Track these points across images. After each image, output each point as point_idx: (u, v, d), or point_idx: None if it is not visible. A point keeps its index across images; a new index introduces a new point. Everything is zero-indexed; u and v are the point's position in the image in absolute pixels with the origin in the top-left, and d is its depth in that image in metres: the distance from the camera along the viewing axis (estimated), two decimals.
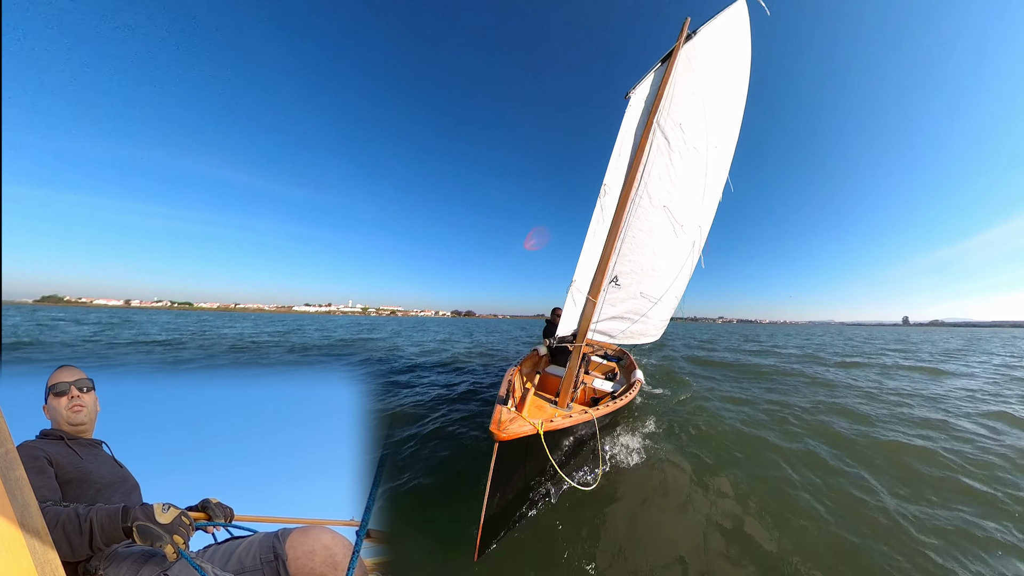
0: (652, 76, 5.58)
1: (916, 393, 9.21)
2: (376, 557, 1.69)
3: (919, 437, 5.81)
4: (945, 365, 14.98)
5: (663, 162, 5.76)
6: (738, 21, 6.56)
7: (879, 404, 7.99)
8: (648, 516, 3.57)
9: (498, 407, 3.13)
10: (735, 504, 3.79)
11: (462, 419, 6.20)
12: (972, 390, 9.64)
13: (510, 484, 2.98)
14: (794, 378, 11.39)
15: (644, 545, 3.14)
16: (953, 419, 6.84)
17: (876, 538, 3.30)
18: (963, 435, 5.93)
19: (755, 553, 3.07)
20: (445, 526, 3.31)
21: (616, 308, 5.97)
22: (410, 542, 3.07)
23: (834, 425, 6.37)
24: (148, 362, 11.41)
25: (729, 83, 6.70)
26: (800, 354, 19.40)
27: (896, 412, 7.29)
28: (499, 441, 2.64)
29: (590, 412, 3.75)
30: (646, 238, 5.91)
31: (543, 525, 3.33)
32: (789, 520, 3.54)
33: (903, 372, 13.03)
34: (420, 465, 4.45)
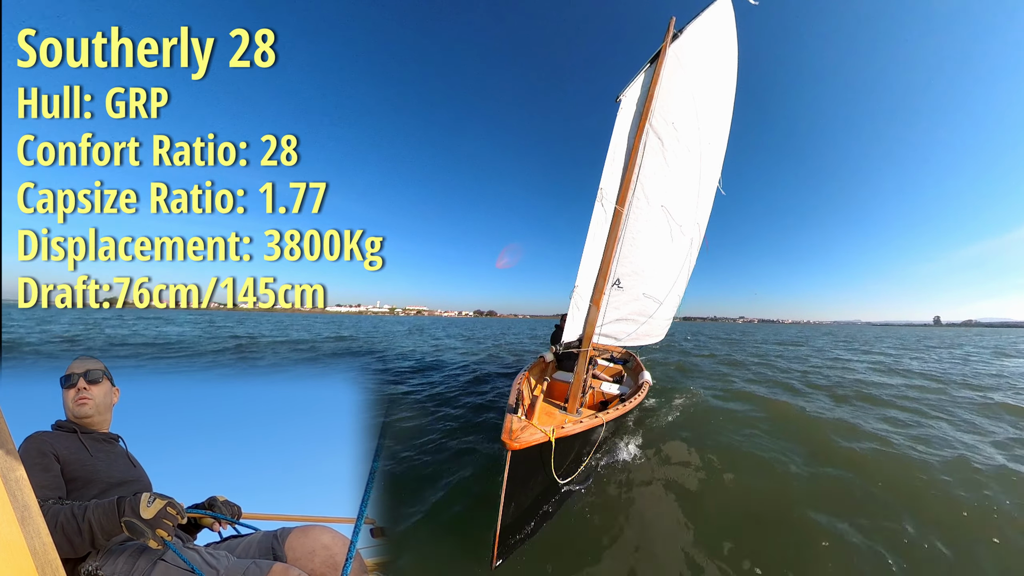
0: (642, 77, 5.64)
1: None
2: (377, 557, 1.68)
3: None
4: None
5: (658, 162, 5.80)
6: (723, 16, 6.71)
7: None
8: (667, 519, 3.51)
9: (508, 416, 3.14)
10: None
11: (476, 416, 6.20)
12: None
13: (524, 493, 2.96)
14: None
15: (663, 550, 3.09)
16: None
17: None
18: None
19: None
20: (461, 533, 3.29)
21: (620, 310, 5.96)
22: (424, 548, 3.05)
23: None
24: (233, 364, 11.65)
25: (718, 78, 6.81)
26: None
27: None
28: (511, 450, 2.63)
29: (600, 416, 3.73)
30: (646, 238, 5.92)
31: (560, 532, 3.29)
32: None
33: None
34: (432, 467, 4.42)
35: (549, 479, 3.18)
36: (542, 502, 3.30)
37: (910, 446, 5.24)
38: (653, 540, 3.21)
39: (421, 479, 4.20)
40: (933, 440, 5.52)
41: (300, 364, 11.51)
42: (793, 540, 3.22)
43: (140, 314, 45.80)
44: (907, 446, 5.24)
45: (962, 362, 15.78)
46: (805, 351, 20.83)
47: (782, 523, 3.45)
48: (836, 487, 4.11)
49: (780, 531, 3.34)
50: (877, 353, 19.71)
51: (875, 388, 9.39)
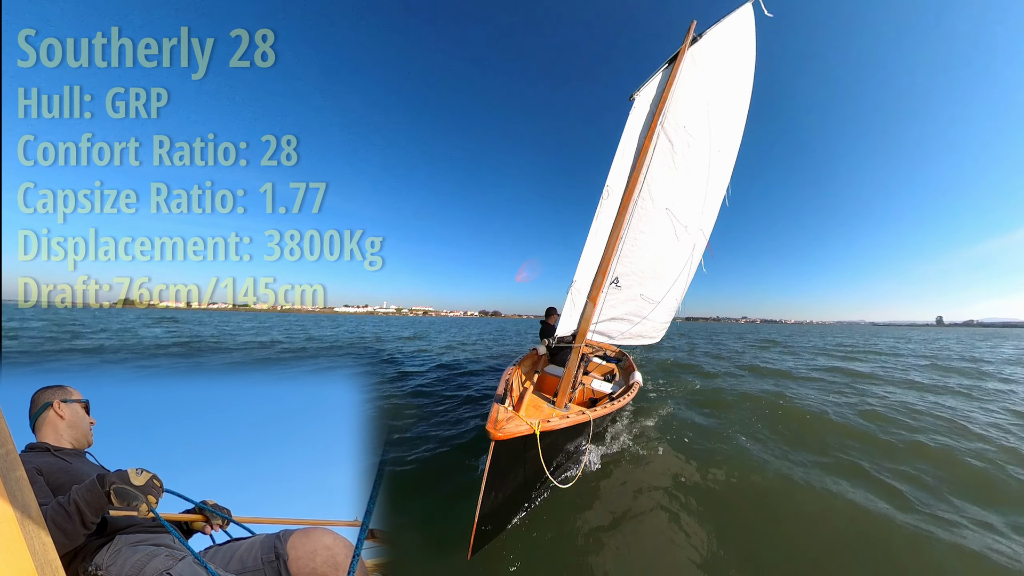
0: (658, 78, 5.63)
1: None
2: (377, 558, 1.67)
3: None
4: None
5: (666, 164, 5.78)
6: (744, 25, 6.63)
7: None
8: (646, 517, 3.51)
9: (495, 406, 3.11)
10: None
11: (468, 414, 6.18)
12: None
13: (506, 484, 2.95)
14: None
15: (640, 546, 3.09)
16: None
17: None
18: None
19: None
20: (440, 524, 3.28)
21: (616, 309, 5.95)
22: (405, 540, 3.04)
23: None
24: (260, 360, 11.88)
25: (733, 86, 6.74)
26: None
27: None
28: (495, 440, 2.61)
29: (588, 413, 3.72)
30: (647, 240, 5.91)
31: (539, 525, 3.29)
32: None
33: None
34: (420, 463, 4.43)
35: (532, 471, 3.16)
36: (524, 494, 3.29)
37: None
38: (636, 537, 3.21)
39: (412, 477, 4.21)
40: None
41: (299, 365, 11.52)
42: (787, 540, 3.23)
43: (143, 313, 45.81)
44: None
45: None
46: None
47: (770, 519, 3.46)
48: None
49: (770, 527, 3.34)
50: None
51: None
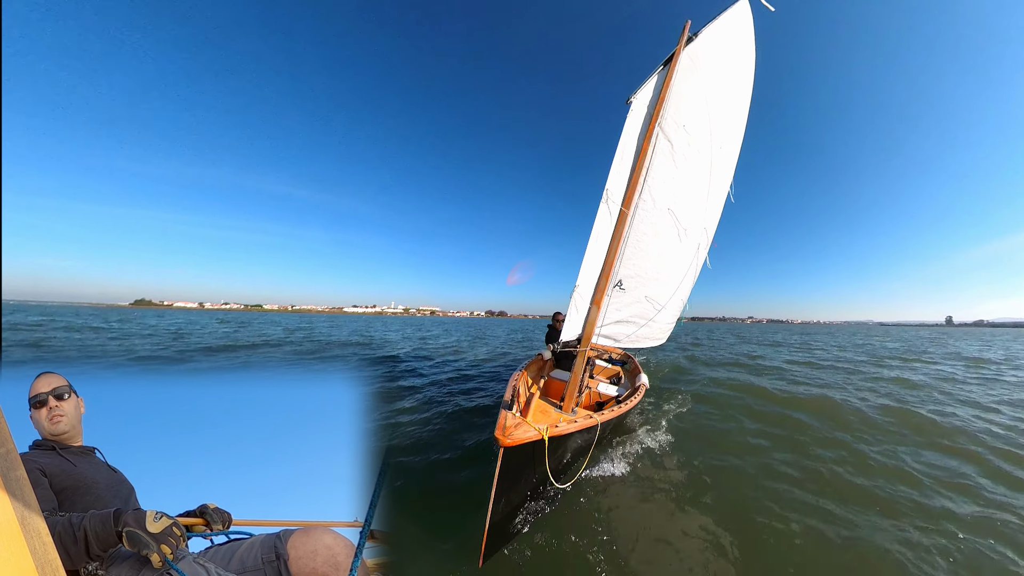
0: (654, 79, 5.60)
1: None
2: (377, 558, 1.67)
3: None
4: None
5: (667, 164, 5.74)
6: (741, 20, 6.56)
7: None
8: (659, 521, 3.50)
9: (503, 412, 3.11)
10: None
11: (470, 416, 6.17)
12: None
13: (516, 490, 2.94)
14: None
15: (653, 553, 3.08)
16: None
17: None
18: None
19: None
20: (451, 531, 3.28)
21: (621, 312, 5.93)
22: (415, 546, 3.04)
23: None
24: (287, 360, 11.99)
25: (733, 82, 6.67)
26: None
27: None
28: (504, 447, 2.61)
29: (595, 417, 3.71)
30: (650, 241, 5.87)
31: (550, 531, 3.28)
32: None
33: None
34: (426, 466, 4.41)
35: (541, 478, 3.15)
36: (533, 500, 3.28)
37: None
38: (646, 543, 3.20)
39: (419, 484, 4.19)
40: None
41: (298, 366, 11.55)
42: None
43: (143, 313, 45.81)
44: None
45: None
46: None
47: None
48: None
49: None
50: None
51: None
